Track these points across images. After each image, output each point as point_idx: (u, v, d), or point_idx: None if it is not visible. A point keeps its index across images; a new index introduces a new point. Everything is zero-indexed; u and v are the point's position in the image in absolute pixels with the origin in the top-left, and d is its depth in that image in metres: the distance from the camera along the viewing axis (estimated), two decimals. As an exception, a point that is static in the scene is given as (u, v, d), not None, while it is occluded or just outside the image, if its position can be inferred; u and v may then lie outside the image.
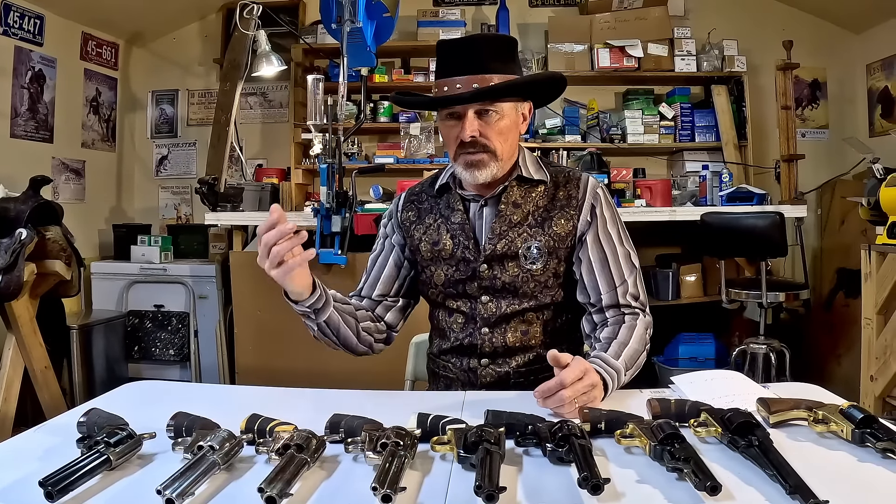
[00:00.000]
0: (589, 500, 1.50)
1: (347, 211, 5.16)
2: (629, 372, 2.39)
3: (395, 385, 3.14)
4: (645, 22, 7.49)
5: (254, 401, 2.23)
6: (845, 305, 6.82)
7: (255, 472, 1.69)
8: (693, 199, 7.03)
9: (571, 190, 2.71)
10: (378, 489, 1.44)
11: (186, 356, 7.15)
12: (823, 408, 1.92)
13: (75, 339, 6.36)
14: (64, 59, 7.23)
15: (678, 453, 1.61)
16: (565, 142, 7.59)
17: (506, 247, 2.63)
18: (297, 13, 8.01)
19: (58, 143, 7.22)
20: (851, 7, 7.38)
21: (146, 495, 1.49)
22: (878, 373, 4.79)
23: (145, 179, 8.54)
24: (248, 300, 5.55)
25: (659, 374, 6.46)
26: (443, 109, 2.64)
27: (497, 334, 2.67)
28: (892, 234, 4.63)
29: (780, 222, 5.73)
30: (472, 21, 8.07)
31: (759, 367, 5.93)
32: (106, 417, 1.87)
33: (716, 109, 7.52)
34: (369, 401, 2.29)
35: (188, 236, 7.86)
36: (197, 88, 8.49)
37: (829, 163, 7.62)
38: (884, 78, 7.30)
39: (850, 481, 1.60)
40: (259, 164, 8.02)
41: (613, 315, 2.63)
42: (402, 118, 7.70)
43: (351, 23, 5.10)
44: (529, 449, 1.82)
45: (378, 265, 2.93)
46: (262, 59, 6.63)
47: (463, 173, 2.63)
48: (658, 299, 6.87)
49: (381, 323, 2.85)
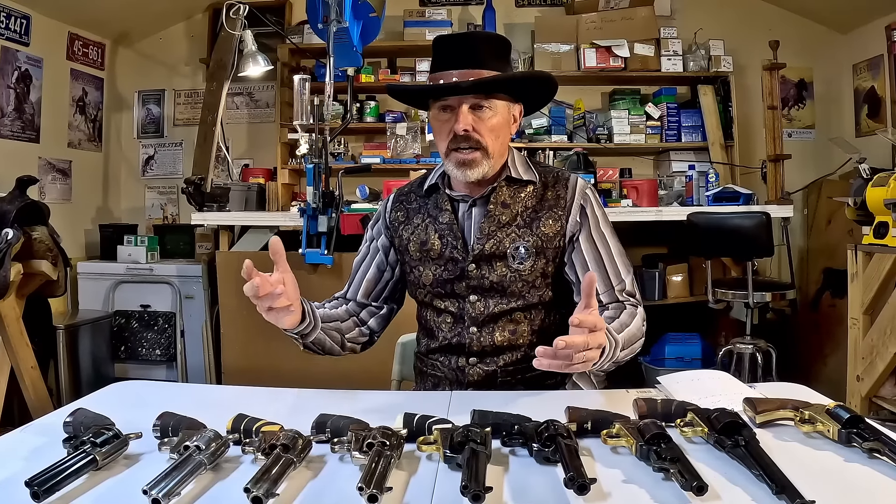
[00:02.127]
0: (575, 499, 1.51)
1: (334, 211, 5.17)
2: (624, 352, 2.39)
3: (382, 385, 3.14)
4: (631, 22, 7.49)
5: (240, 401, 2.23)
6: (832, 305, 6.84)
7: (241, 472, 1.69)
8: (679, 199, 7.04)
9: (560, 190, 2.72)
10: (364, 489, 1.44)
11: (173, 356, 7.14)
12: (810, 408, 1.92)
13: (62, 339, 6.35)
14: (50, 58, 7.21)
15: (664, 453, 1.61)
16: (552, 142, 7.59)
17: (494, 247, 2.64)
18: (283, 13, 7.99)
19: (44, 143, 7.20)
20: (838, 7, 7.40)
21: (132, 495, 1.49)
22: (864, 373, 4.80)
23: (132, 179, 8.51)
24: (234, 300, 5.55)
25: (645, 373, 6.45)
26: (436, 101, 2.64)
27: (485, 333, 2.67)
28: (878, 234, 4.65)
29: (766, 222, 5.75)
30: (459, 21, 8.07)
31: (746, 367, 5.95)
32: (92, 417, 1.87)
33: (702, 109, 7.53)
34: (355, 401, 2.29)
35: (174, 236, 7.86)
36: (183, 88, 8.46)
37: (816, 163, 7.64)
38: (870, 78, 7.31)
39: (836, 481, 1.61)
40: (245, 164, 8.02)
41: (613, 307, 2.64)
42: (388, 118, 7.71)
43: (337, 23, 5.10)
44: (516, 449, 1.82)
45: (362, 269, 2.94)
46: (248, 59, 6.63)
47: (454, 171, 2.63)
48: (644, 299, 6.79)
49: (365, 327, 2.87)
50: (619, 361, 2.39)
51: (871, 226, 4.75)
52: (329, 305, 2.83)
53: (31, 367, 5.18)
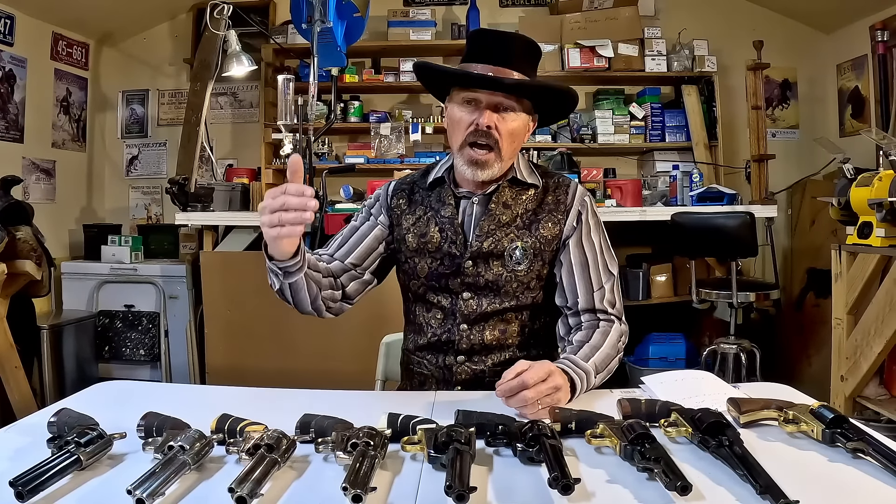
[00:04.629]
0: (559, 499, 1.51)
1: (318, 211, 5.15)
2: (600, 375, 2.40)
3: (366, 385, 3.15)
4: (615, 22, 7.50)
5: (224, 401, 2.22)
6: (816, 305, 6.86)
7: (225, 472, 1.68)
8: (663, 199, 7.05)
9: (560, 195, 2.74)
10: (348, 489, 1.44)
11: (157, 356, 7.13)
12: (794, 408, 1.93)
13: (46, 339, 6.34)
14: (34, 59, 7.19)
15: (649, 453, 1.61)
16: (536, 142, 7.63)
17: (492, 245, 2.65)
18: (267, 13, 7.98)
19: (28, 143, 7.18)
20: (822, 7, 7.42)
21: (117, 495, 1.48)
22: (848, 373, 4.81)
23: (116, 179, 8.50)
24: (218, 300, 5.54)
25: (629, 374, 6.46)
26: (463, 91, 2.61)
27: (475, 331, 2.68)
28: (862, 234, 4.66)
29: (750, 222, 5.75)
30: (443, 21, 8.09)
31: (730, 367, 5.96)
32: (76, 417, 1.87)
33: (686, 109, 7.56)
34: (340, 401, 2.29)
35: (158, 236, 7.84)
36: (167, 88, 8.46)
37: (800, 163, 7.68)
38: (854, 78, 7.34)
39: (820, 481, 1.61)
40: (229, 164, 8.02)
41: (588, 320, 2.64)
42: (372, 118, 7.73)
43: (321, 23, 5.11)
44: (500, 449, 1.83)
45: (358, 234, 2.87)
46: (232, 59, 6.61)
47: (464, 168, 2.62)
48: (629, 299, 6.87)
49: (339, 292, 2.77)
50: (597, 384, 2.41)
51: (855, 226, 4.76)
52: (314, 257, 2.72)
53: (15, 367, 5.17)
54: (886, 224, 4.46)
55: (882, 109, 6.78)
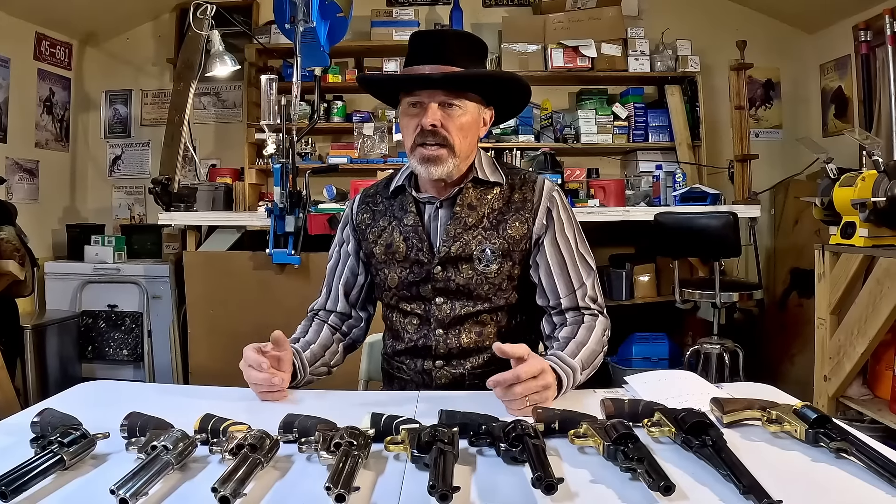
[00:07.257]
0: (542, 499, 1.50)
1: (301, 211, 5.16)
2: (586, 371, 2.41)
3: (349, 385, 3.13)
4: (598, 22, 7.51)
5: (207, 401, 2.22)
6: (799, 305, 6.88)
7: (208, 472, 1.68)
8: (647, 199, 7.06)
9: (527, 193, 2.71)
10: (332, 489, 1.43)
11: (140, 356, 7.11)
12: (777, 408, 1.93)
13: (29, 339, 6.32)
14: (17, 58, 7.18)
15: (632, 453, 1.61)
16: (519, 142, 7.62)
17: (460, 249, 2.63)
18: (250, 13, 7.98)
19: (11, 143, 7.17)
20: (804, 7, 7.45)
21: (100, 495, 1.47)
22: (831, 373, 4.82)
23: (99, 179, 8.48)
24: (201, 300, 5.53)
25: (613, 373, 6.47)
26: (407, 96, 2.61)
27: (451, 336, 2.67)
28: (845, 234, 4.66)
29: (733, 222, 5.76)
30: (426, 21, 8.08)
31: (713, 367, 5.97)
32: (59, 417, 1.86)
33: (669, 109, 7.57)
34: (323, 401, 2.29)
35: (142, 236, 7.81)
36: (150, 88, 8.44)
37: (783, 163, 7.69)
38: (837, 78, 7.37)
39: (803, 481, 1.61)
40: (213, 164, 8.00)
41: (573, 316, 2.64)
42: (355, 118, 7.72)
43: (304, 23, 5.10)
44: (483, 449, 1.82)
45: (336, 276, 2.94)
46: (215, 59, 6.61)
47: (419, 167, 2.61)
48: (612, 299, 6.89)
49: (348, 339, 2.91)
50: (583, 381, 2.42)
51: (838, 226, 4.76)
52: (312, 334, 2.82)
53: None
54: (869, 224, 4.47)
55: (865, 109, 6.81)
